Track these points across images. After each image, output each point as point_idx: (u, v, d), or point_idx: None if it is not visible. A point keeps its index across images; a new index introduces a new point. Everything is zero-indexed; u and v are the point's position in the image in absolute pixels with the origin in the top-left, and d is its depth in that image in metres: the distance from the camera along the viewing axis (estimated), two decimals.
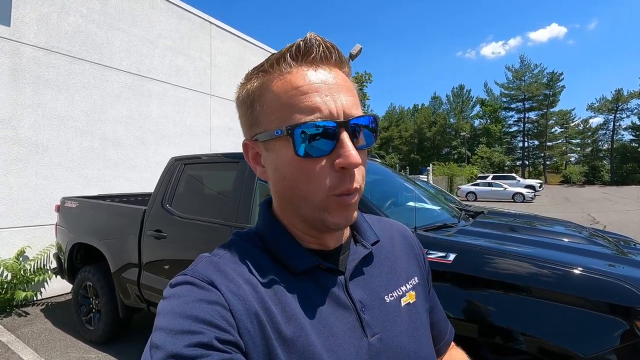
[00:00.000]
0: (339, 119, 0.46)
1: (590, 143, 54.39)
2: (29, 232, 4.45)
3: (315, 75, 0.47)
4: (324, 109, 0.45)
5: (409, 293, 0.58)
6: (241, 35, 7.90)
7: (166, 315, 0.42)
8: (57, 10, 4.71)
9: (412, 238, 0.69)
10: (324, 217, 0.48)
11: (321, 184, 0.46)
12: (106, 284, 3.19)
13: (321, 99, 0.45)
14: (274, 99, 0.47)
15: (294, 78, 0.46)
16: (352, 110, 0.47)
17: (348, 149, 0.45)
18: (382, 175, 2.98)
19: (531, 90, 51.44)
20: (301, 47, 0.47)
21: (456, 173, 28.63)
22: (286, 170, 0.48)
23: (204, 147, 6.82)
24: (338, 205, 0.47)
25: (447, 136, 57.80)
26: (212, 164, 2.94)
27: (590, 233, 2.43)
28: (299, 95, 0.46)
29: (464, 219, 2.44)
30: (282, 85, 0.47)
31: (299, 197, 0.48)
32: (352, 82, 0.51)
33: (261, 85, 0.49)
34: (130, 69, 5.58)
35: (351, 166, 0.45)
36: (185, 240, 2.63)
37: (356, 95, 0.50)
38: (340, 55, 0.49)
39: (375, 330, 0.51)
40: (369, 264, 0.57)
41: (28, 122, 4.43)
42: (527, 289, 1.49)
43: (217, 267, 0.47)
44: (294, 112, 0.46)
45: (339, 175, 0.46)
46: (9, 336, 3.48)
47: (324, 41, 0.48)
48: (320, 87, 0.46)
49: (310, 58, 0.47)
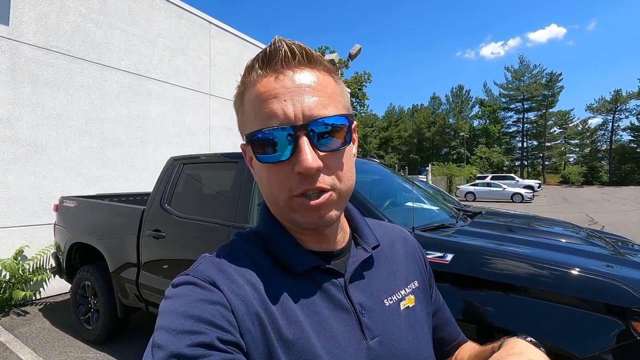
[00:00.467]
0: (297, 122, 0.45)
1: (589, 143, 54.50)
2: (27, 232, 4.44)
3: (275, 80, 0.47)
4: (279, 114, 0.45)
5: (408, 297, 0.58)
6: (240, 35, 7.90)
7: (168, 315, 0.42)
8: (56, 9, 4.70)
9: (413, 242, 0.69)
10: (295, 217, 0.48)
11: (283, 187, 0.47)
12: (104, 283, 3.18)
13: (278, 104, 0.45)
14: (246, 108, 0.49)
15: (259, 86, 0.47)
16: (315, 111, 0.46)
17: (303, 154, 0.44)
18: (380, 175, 2.98)
19: (530, 91, 51.53)
20: (267, 54, 0.48)
21: (455, 173, 28.65)
22: (260, 174, 0.50)
23: (203, 147, 6.82)
24: (302, 205, 0.47)
25: (446, 136, 57.86)
26: (211, 163, 2.95)
27: (588, 234, 2.44)
28: (260, 103, 0.47)
29: (462, 219, 2.44)
30: (251, 94, 0.48)
31: (271, 200, 0.51)
32: (332, 80, 0.50)
33: (240, 95, 0.51)
34: (129, 69, 5.58)
35: (307, 171, 0.44)
36: (183, 240, 2.64)
37: (332, 94, 0.49)
38: (308, 54, 0.48)
39: (375, 333, 0.51)
40: (369, 268, 0.57)
41: (27, 121, 4.42)
42: (524, 289, 1.49)
43: (219, 268, 0.48)
44: (255, 120, 0.47)
45: (298, 178, 0.46)
46: (7, 335, 3.48)
47: (288, 44, 0.48)
48: (279, 92, 0.46)
49: (274, 63, 0.47)
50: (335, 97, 0.49)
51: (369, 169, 2.94)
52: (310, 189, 0.46)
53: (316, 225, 0.48)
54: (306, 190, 0.46)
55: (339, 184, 0.48)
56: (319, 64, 0.49)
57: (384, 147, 60.93)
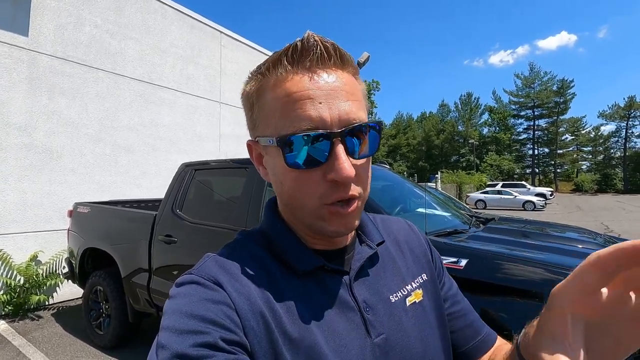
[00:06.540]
0: (333, 127, 0.44)
1: (602, 151, 53.52)
2: (42, 237, 4.52)
3: (310, 80, 0.44)
4: (315, 118, 0.43)
5: (415, 292, 0.57)
6: (250, 44, 8.03)
7: (172, 314, 0.42)
8: (74, 21, 4.85)
9: (418, 233, 0.67)
10: (322, 225, 0.48)
11: (313, 195, 0.46)
12: (116, 288, 3.21)
13: (313, 107, 0.43)
14: (269, 104, 0.47)
15: (288, 84, 0.45)
16: (351, 115, 0.44)
17: (341, 162, 0.43)
18: (391, 181, 2.97)
19: (541, 98, 50.98)
20: (298, 49, 0.45)
21: (465, 181, 28.39)
22: (282, 177, 0.48)
23: (213, 154, 6.89)
24: (332, 214, 0.46)
25: (455, 144, 57.44)
26: (222, 169, 2.97)
27: (605, 239, 2.39)
28: (291, 103, 0.44)
29: (474, 225, 2.41)
30: (277, 90, 0.46)
31: (296, 205, 0.49)
32: (358, 83, 0.49)
33: (259, 89, 0.48)
34: (142, 78, 5.70)
35: (344, 180, 0.43)
36: (195, 245, 2.65)
37: (361, 98, 0.48)
38: (342, 55, 0.47)
39: (380, 330, 0.50)
40: (374, 264, 0.56)
41: (43, 129, 4.53)
42: (541, 295, 1.46)
43: (223, 267, 0.47)
44: (285, 121, 0.44)
45: (330, 185, 0.45)
46: (21, 340, 3.52)
47: (322, 41, 0.45)
48: (315, 93, 0.44)
49: (307, 61, 0.45)
50: (363, 100, 0.49)
51: (380, 175, 2.94)
52: (344, 197, 0.45)
53: (340, 234, 0.48)
54: (340, 198, 0.45)
55: (364, 191, 0.48)
56: (349, 65, 0.48)
57: (393, 154, 60.72)
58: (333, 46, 0.46)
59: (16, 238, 4.32)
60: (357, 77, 0.50)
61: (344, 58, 0.47)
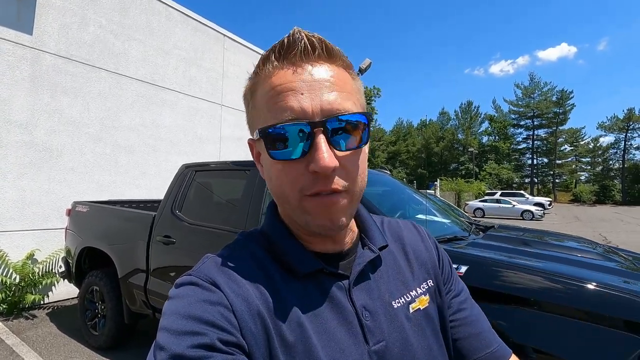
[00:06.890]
0: (315, 118, 0.43)
1: (600, 162, 53.68)
2: (39, 236, 4.50)
3: (293, 73, 0.45)
4: (296, 109, 0.43)
5: (420, 298, 0.55)
6: (252, 47, 8.07)
7: (170, 315, 0.42)
8: (78, 20, 4.87)
9: (426, 236, 0.65)
10: (306, 219, 0.47)
11: (295, 187, 0.45)
12: (113, 288, 3.19)
13: (295, 98, 0.43)
14: (259, 100, 0.47)
15: (274, 78, 0.45)
16: (334, 106, 0.44)
17: (320, 153, 0.42)
18: (391, 187, 2.98)
19: (540, 108, 51.24)
20: (284, 45, 0.46)
21: (464, 189, 28.41)
22: (270, 171, 0.48)
23: (214, 156, 6.89)
24: (315, 206, 0.45)
25: (454, 152, 57.57)
26: (222, 171, 2.97)
27: (605, 249, 2.39)
28: (275, 96, 0.44)
29: (474, 233, 2.41)
30: (265, 86, 0.46)
31: (282, 199, 0.48)
32: (348, 76, 0.48)
33: (252, 87, 0.49)
34: (145, 78, 5.72)
35: (323, 170, 0.42)
36: (194, 247, 2.64)
37: (350, 91, 0.47)
38: (328, 48, 0.46)
39: (380, 337, 0.49)
40: (376, 269, 0.54)
41: (44, 127, 4.53)
42: (540, 303, 1.46)
43: (221, 268, 0.47)
44: (270, 114, 0.45)
45: (312, 177, 0.44)
46: (15, 339, 3.49)
47: (308, 36, 0.45)
48: (297, 85, 0.44)
49: (292, 55, 0.45)
50: (354, 94, 0.48)
51: (380, 180, 2.94)
52: (324, 190, 0.44)
53: (326, 229, 0.47)
54: (320, 191, 0.44)
55: (352, 186, 0.46)
56: (338, 58, 0.47)
57: (392, 161, 60.75)
58: (319, 39, 0.46)
59: (13, 236, 4.30)
60: (349, 71, 0.49)
61: (330, 51, 0.47)
